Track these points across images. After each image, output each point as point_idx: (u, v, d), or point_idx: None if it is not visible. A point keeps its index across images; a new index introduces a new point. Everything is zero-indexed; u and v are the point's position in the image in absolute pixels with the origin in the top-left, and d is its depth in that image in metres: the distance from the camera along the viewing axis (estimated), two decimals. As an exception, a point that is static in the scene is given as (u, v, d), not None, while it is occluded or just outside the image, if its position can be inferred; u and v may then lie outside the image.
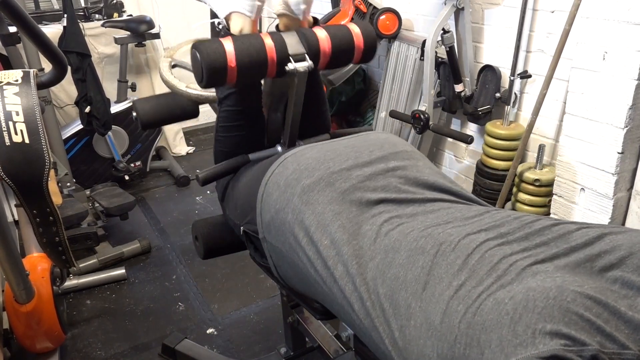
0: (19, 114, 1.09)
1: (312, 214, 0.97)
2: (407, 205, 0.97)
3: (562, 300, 0.65)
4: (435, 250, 0.81)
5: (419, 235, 0.86)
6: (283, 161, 1.11)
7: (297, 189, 1.02)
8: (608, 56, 1.81)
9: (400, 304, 0.79)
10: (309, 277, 0.98)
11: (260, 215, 1.12)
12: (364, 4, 2.79)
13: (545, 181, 2.21)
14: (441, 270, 0.78)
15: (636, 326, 0.63)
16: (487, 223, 0.87)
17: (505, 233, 0.83)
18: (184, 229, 2.83)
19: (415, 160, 1.10)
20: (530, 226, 0.84)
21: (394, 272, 0.82)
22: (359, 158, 1.07)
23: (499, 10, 2.46)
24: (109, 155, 3.17)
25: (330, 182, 1.00)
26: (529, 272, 0.73)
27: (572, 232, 0.80)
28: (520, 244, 0.80)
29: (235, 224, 1.30)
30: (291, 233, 1.00)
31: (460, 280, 0.75)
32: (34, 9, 3.37)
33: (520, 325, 0.63)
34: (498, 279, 0.73)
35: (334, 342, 1.46)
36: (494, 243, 0.81)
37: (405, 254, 0.83)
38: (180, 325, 2.12)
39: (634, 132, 1.84)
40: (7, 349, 1.77)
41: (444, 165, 3.05)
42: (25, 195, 1.15)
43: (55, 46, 1.31)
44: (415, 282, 0.79)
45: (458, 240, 0.82)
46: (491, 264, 0.76)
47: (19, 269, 1.62)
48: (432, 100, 2.63)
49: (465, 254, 0.79)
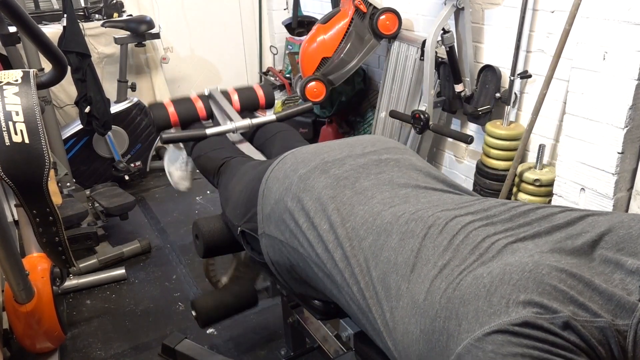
0: (18, 114, 1.09)
1: (310, 199, 1.01)
2: (400, 189, 0.99)
3: (537, 273, 0.66)
4: (424, 234, 0.83)
5: (410, 218, 0.88)
6: (282, 159, 1.17)
7: (295, 178, 1.07)
8: (608, 56, 1.81)
9: (392, 286, 0.81)
10: (310, 263, 1.00)
11: (261, 211, 1.15)
12: (364, 4, 2.79)
13: (545, 181, 2.21)
14: (428, 252, 0.80)
15: (610, 296, 0.65)
16: (475, 208, 0.89)
17: (491, 215, 0.85)
18: (184, 229, 2.83)
19: (409, 155, 1.14)
20: (516, 209, 0.86)
21: (386, 256, 0.85)
22: (352, 151, 1.12)
23: (499, 10, 2.46)
24: (109, 155, 3.17)
25: (325, 169, 1.05)
26: (509, 249, 0.75)
27: (555, 213, 0.82)
28: (504, 224, 0.82)
29: (234, 224, 1.31)
30: (292, 219, 1.03)
31: (444, 260, 0.77)
32: (34, 9, 3.36)
33: (495, 297, 0.66)
34: (480, 256, 0.75)
35: (334, 342, 1.46)
36: (479, 224, 0.83)
37: (397, 237, 0.86)
38: (180, 325, 2.12)
39: (634, 132, 1.84)
40: (7, 348, 1.77)
41: (444, 165, 3.05)
42: (25, 195, 1.15)
43: (55, 46, 1.31)
44: (404, 265, 0.81)
45: (445, 222, 0.84)
46: (474, 244, 0.78)
47: (18, 269, 1.62)
48: (432, 100, 2.63)
49: (451, 235, 0.81)
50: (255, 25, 4.14)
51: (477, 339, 0.63)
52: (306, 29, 3.35)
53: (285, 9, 4.09)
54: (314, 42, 2.86)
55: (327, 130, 3.47)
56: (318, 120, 3.56)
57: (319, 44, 2.85)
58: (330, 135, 3.46)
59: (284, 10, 4.09)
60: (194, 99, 1.84)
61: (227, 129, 1.67)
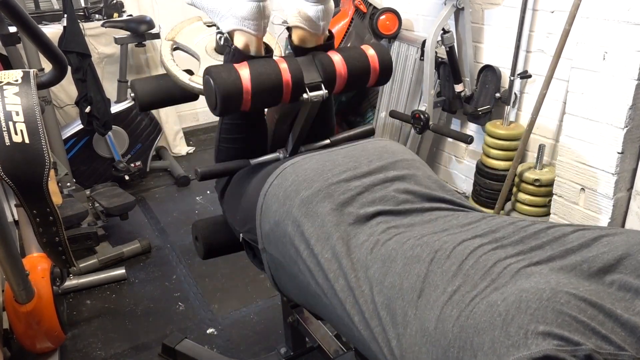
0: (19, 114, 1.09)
1: (312, 226, 0.97)
2: (405, 216, 0.96)
3: (555, 302, 0.64)
4: (431, 258, 0.81)
5: (415, 243, 0.85)
6: (281, 172, 1.11)
7: (296, 200, 1.01)
8: (608, 56, 1.81)
9: (397, 312, 0.78)
10: (309, 289, 0.98)
11: (259, 227, 1.11)
12: (364, 4, 2.79)
13: (545, 181, 2.21)
14: (436, 277, 0.78)
15: (632, 328, 0.62)
16: (482, 229, 0.86)
17: (500, 237, 0.83)
18: (184, 229, 2.83)
19: (415, 170, 1.10)
20: (525, 230, 0.83)
21: (391, 281, 0.82)
22: (357, 169, 1.07)
23: (499, 10, 2.46)
24: (109, 155, 3.17)
25: (329, 193, 1.00)
26: (523, 274, 0.72)
27: (567, 234, 0.79)
28: (515, 247, 0.80)
29: (235, 229, 1.30)
30: (292, 245, 1.00)
31: (454, 286, 0.74)
32: (34, 9, 3.36)
33: (513, 327, 0.63)
34: (492, 282, 0.72)
35: (334, 342, 1.46)
36: (488, 248, 0.80)
37: (402, 263, 0.83)
38: (180, 325, 2.12)
39: (634, 132, 1.84)
40: (7, 348, 1.77)
41: (444, 165, 3.05)
42: (25, 195, 1.15)
43: (55, 46, 1.31)
44: (411, 291, 0.78)
45: (453, 247, 0.81)
46: (485, 268, 0.75)
47: (19, 269, 1.62)
48: (432, 100, 2.63)
49: (460, 259, 0.78)
50: (255, 25, 4.14)
51: None
52: (306, 29, 3.35)
53: (285, 9, 4.09)
54: (314, 42, 2.86)
55: (327, 130, 3.47)
56: (318, 120, 3.56)
57: (319, 44, 2.85)
58: (330, 135, 3.45)
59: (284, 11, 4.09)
60: (277, 60, 1.20)
61: (274, 157, 1.34)
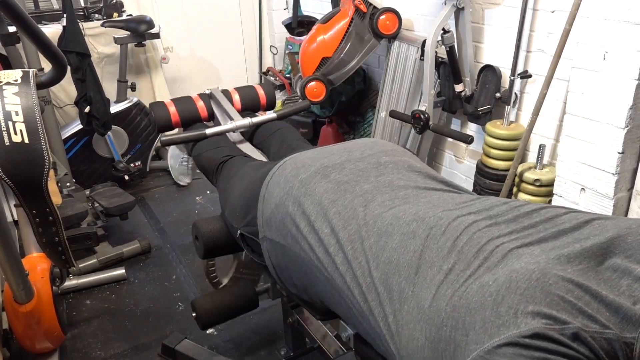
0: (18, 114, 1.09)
1: (311, 203, 1.01)
2: (400, 190, 0.99)
3: (544, 283, 0.65)
4: (426, 234, 0.82)
5: (411, 219, 0.87)
6: (282, 164, 1.18)
7: (295, 182, 1.07)
8: (608, 56, 1.81)
9: (394, 288, 0.80)
10: (311, 267, 1.00)
11: (261, 214, 1.15)
12: (364, 4, 2.79)
13: (545, 181, 2.21)
14: (432, 254, 0.79)
15: (616, 309, 0.64)
16: (477, 207, 0.88)
17: (494, 215, 0.84)
18: (184, 229, 2.83)
19: (407, 157, 1.14)
20: (519, 209, 0.84)
21: (387, 256, 0.84)
22: (351, 155, 1.12)
23: (499, 10, 2.46)
24: (109, 155, 3.17)
25: (326, 174, 1.06)
26: (515, 254, 0.73)
27: (560, 215, 0.80)
28: (509, 225, 0.81)
29: (233, 226, 1.31)
30: (293, 224, 1.03)
31: (449, 264, 0.76)
32: (34, 9, 3.36)
33: (503, 307, 0.65)
34: (484, 260, 0.74)
35: (334, 342, 1.46)
36: (482, 224, 0.81)
37: (398, 238, 0.85)
38: (180, 325, 2.12)
39: (635, 132, 1.84)
40: (6, 349, 1.76)
41: (444, 165, 3.05)
42: (24, 195, 1.15)
43: (55, 46, 1.31)
44: (407, 267, 0.80)
45: (448, 223, 0.83)
46: (478, 246, 0.77)
47: (18, 269, 1.62)
48: (432, 100, 2.63)
49: (455, 235, 0.80)
50: (255, 25, 4.15)
51: (487, 352, 0.62)
52: (306, 29, 3.35)
53: (285, 9, 4.09)
54: (314, 42, 2.86)
55: (327, 130, 3.47)
56: (318, 120, 3.56)
57: (319, 43, 2.85)
58: (330, 135, 3.45)
59: (284, 10, 4.09)
60: (195, 99, 1.85)
61: (227, 128, 1.68)
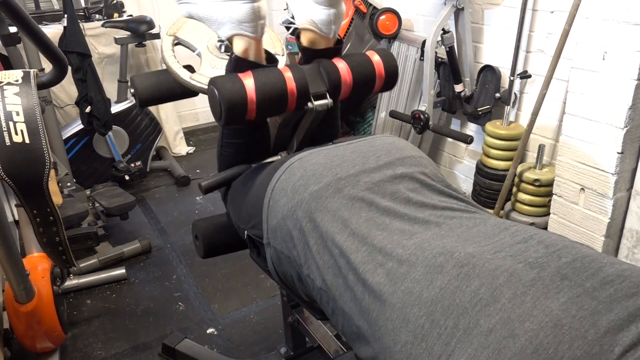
0: (19, 114, 1.09)
1: (322, 220, 0.96)
2: (418, 210, 0.95)
3: None
4: (457, 273, 0.76)
5: (438, 252, 0.81)
6: (289, 167, 1.10)
7: (306, 195, 1.01)
8: (608, 56, 1.81)
9: (410, 319, 0.75)
10: (315, 287, 0.97)
11: (266, 221, 1.11)
12: (364, 4, 2.79)
13: (545, 181, 2.21)
14: (464, 298, 0.72)
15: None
16: (509, 244, 0.81)
17: (534, 264, 0.75)
18: (184, 229, 2.83)
19: (423, 167, 1.09)
20: (559, 255, 0.76)
21: (408, 286, 0.79)
22: (365, 164, 1.06)
23: (499, 10, 2.47)
24: (109, 155, 3.18)
25: (339, 188, 0.99)
26: None
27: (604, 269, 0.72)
28: (553, 280, 0.71)
29: (239, 227, 1.29)
30: (301, 239, 0.99)
31: (490, 324, 0.68)
32: (34, 9, 3.37)
33: None
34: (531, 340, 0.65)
35: (334, 342, 1.46)
36: (526, 278, 0.72)
37: (422, 270, 0.79)
38: (180, 325, 2.12)
39: (634, 132, 1.84)
40: (7, 348, 1.77)
41: (444, 165, 3.05)
42: (25, 195, 1.16)
43: (56, 46, 1.31)
44: (431, 303, 0.75)
45: (482, 263, 0.76)
46: (527, 311, 0.68)
47: (19, 268, 1.62)
48: (432, 100, 2.64)
49: (493, 285, 0.72)
50: (255, 26, 4.14)
51: None
52: (306, 29, 3.35)
53: (285, 9, 4.10)
54: (314, 42, 2.86)
55: (327, 130, 3.47)
56: (318, 120, 3.56)
57: (319, 44, 2.86)
58: (330, 135, 3.45)
59: (284, 11, 4.09)
60: (282, 70, 1.19)
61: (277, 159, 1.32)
